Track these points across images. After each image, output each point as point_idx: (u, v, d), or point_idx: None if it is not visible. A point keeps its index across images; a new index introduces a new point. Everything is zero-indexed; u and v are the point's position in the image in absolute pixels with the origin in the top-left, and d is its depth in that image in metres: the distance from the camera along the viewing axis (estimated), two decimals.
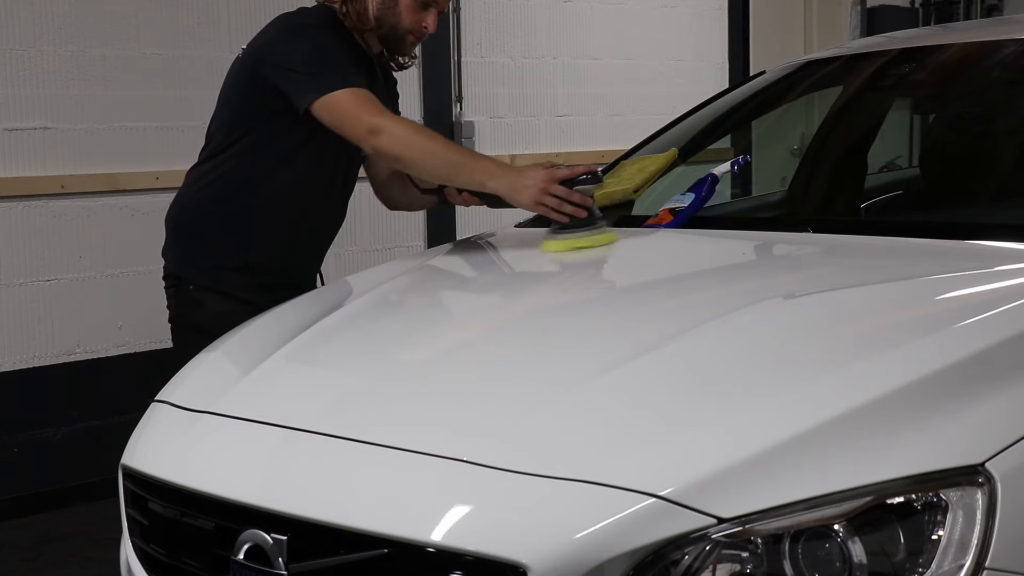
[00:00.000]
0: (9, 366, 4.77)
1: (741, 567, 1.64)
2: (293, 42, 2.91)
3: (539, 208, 2.74)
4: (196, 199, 3.06)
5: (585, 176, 2.73)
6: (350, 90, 2.82)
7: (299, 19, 3.01)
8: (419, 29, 3.00)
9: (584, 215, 2.72)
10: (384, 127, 2.79)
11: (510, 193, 2.75)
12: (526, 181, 2.73)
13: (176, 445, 2.20)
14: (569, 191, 2.72)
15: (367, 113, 2.80)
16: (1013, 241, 2.40)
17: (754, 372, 1.88)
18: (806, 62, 3.54)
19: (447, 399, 2.01)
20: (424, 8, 2.98)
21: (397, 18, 2.96)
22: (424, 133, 2.86)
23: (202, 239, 3.05)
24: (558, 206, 2.71)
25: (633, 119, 6.71)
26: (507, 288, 2.77)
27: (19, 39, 4.67)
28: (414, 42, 3.05)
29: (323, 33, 2.93)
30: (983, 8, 8.41)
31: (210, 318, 2.96)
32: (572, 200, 2.71)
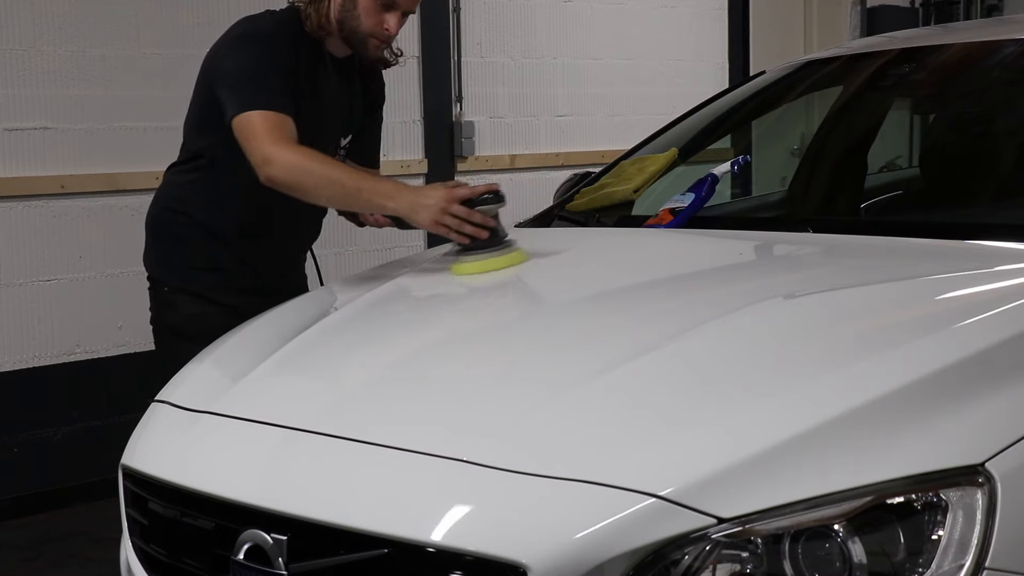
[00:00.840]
0: (9, 366, 4.77)
1: (741, 567, 1.64)
2: (233, 51, 2.89)
3: (439, 228, 2.65)
4: (171, 200, 3.06)
5: (487, 195, 2.65)
6: (261, 113, 2.76)
7: (248, 26, 2.95)
8: (381, 32, 2.92)
9: (485, 235, 2.64)
10: (275, 157, 2.72)
11: (409, 213, 2.69)
12: (425, 201, 2.65)
13: (176, 445, 2.20)
14: (469, 211, 2.63)
15: (264, 141, 2.74)
16: (1013, 241, 2.40)
17: (754, 372, 1.88)
18: (806, 62, 3.54)
19: (447, 399, 2.01)
20: (386, 10, 2.90)
21: (356, 21, 2.90)
22: (319, 161, 2.76)
23: (176, 239, 3.04)
24: (458, 226, 2.63)
25: (633, 119, 6.71)
26: (507, 288, 2.76)
27: (19, 39, 4.67)
28: (378, 45, 2.97)
29: (265, 44, 2.87)
30: (983, 8, 8.41)
31: (184, 320, 2.96)
32: (472, 220, 2.63)
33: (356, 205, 2.82)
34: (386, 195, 2.72)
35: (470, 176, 6.14)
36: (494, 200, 2.67)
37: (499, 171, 6.27)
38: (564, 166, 6.24)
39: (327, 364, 2.36)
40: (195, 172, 2.99)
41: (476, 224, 2.64)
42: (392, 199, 2.71)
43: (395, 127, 5.75)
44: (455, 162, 6.08)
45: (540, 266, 2.84)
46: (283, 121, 2.78)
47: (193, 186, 2.97)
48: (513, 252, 2.66)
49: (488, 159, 6.22)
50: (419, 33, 5.88)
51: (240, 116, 2.78)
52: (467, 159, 6.11)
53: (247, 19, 2.99)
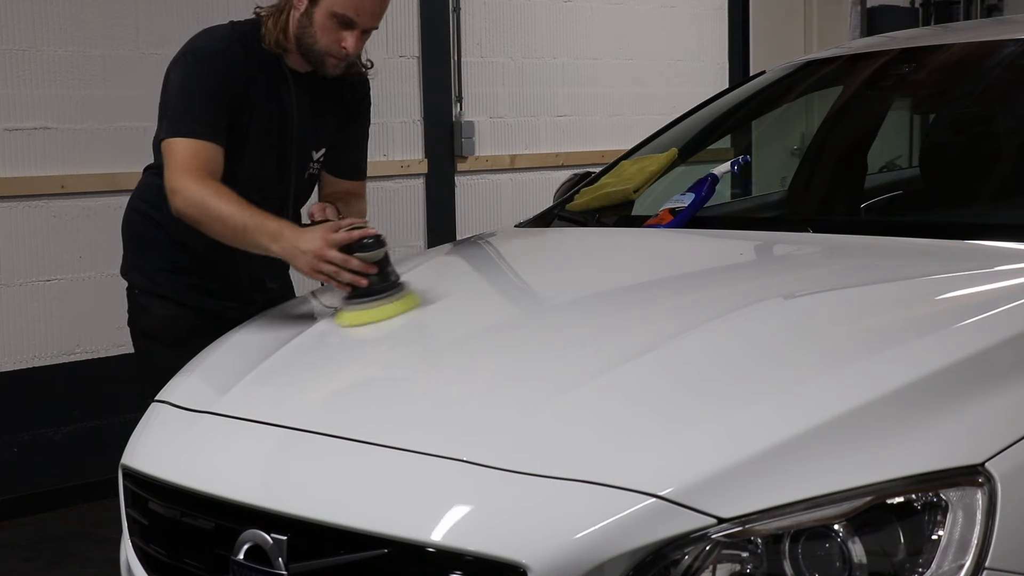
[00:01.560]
0: (9, 366, 4.77)
1: (741, 567, 1.64)
2: (175, 70, 2.85)
3: (316, 276, 2.54)
4: (140, 202, 3.04)
5: (368, 240, 2.49)
6: (182, 141, 2.73)
7: (197, 43, 2.88)
8: (338, 50, 2.80)
9: (364, 283, 2.48)
10: (179, 190, 2.70)
11: (289, 258, 2.58)
12: (303, 246, 2.53)
13: (176, 445, 2.20)
14: (346, 258, 2.48)
15: (175, 171, 2.72)
16: (1013, 241, 2.40)
17: (754, 372, 1.88)
18: (806, 62, 3.53)
19: (447, 399, 2.01)
20: (343, 27, 2.79)
21: (313, 39, 2.80)
22: (216, 197, 2.67)
23: (144, 242, 3.03)
24: (335, 274, 2.49)
25: (633, 119, 6.71)
26: (507, 288, 2.77)
27: (19, 39, 4.67)
28: (336, 63, 2.85)
29: (207, 65, 2.80)
30: (983, 8, 8.41)
31: (155, 322, 2.95)
32: (349, 267, 2.48)
33: (245, 243, 2.67)
34: (270, 236, 2.60)
35: (468, 177, 6.14)
36: (374, 246, 2.49)
37: (499, 171, 6.27)
38: (564, 166, 6.25)
39: (327, 364, 2.36)
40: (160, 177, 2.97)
41: (355, 271, 2.48)
42: (276, 241, 2.59)
43: (395, 127, 5.76)
44: (455, 162, 6.08)
45: (540, 266, 2.84)
46: (200, 151, 2.73)
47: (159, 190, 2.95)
48: (401, 299, 2.48)
49: (488, 159, 6.22)
50: (419, 33, 5.88)
51: (165, 142, 2.76)
52: (467, 159, 6.11)
53: (203, 33, 2.92)
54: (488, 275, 2.89)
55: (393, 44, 5.75)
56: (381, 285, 2.49)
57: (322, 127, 2.99)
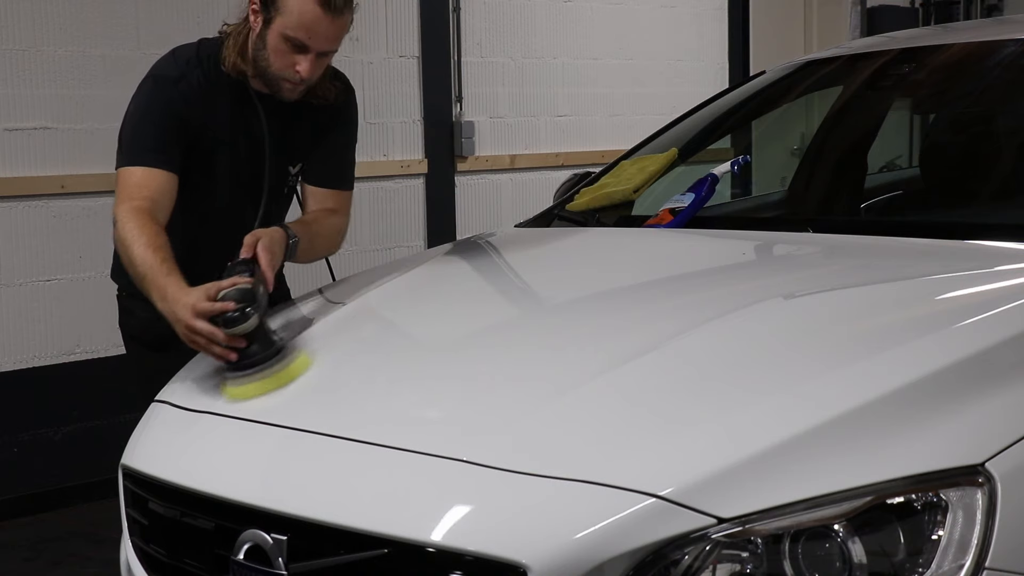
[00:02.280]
0: (9, 366, 4.77)
1: (741, 567, 1.64)
2: (135, 96, 2.80)
3: (193, 346, 2.36)
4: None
5: (231, 314, 2.26)
6: (131, 170, 2.67)
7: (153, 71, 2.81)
8: (292, 74, 2.67)
9: (233, 357, 2.26)
10: (116, 220, 2.63)
11: (171, 322, 2.41)
12: (177, 312, 2.36)
13: (176, 445, 2.20)
14: (212, 330, 2.28)
15: (118, 200, 2.65)
16: (1013, 241, 2.40)
17: (754, 372, 1.88)
18: (806, 62, 3.53)
19: (447, 399, 2.01)
20: (296, 51, 2.65)
21: (266, 62, 2.68)
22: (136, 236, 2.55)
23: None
24: (205, 346, 2.31)
25: (633, 119, 6.71)
26: (507, 288, 2.77)
27: (19, 39, 4.68)
28: (292, 88, 2.72)
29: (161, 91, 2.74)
30: (983, 8, 8.41)
31: (138, 324, 2.94)
32: (217, 340, 2.28)
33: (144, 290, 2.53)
34: (159, 295, 2.45)
35: (468, 177, 6.14)
36: (239, 320, 2.26)
37: (499, 171, 6.27)
38: (564, 166, 6.25)
39: (327, 364, 2.36)
40: None
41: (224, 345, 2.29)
42: (162, 300, 2.44)
43: (395, 127, 5.76)
44: (455, 162, 6.09)
45: (540, 266, 2.84)
46: (148, 180, 2.66)
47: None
48: (283, 369, 2.25)
49: (488, 159, 6.23)
50: (419, 33, 5.88)
51: (119, 170, 2.72)
52: (467, 159, 6.11)
53: (167, 55, 2.84)
54: (488, 275, 2.89)
55: (393, 44, 5.75)
56: (259, 356, 2.26)
57: (297, 143, 2.89)
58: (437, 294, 2.76)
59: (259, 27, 2.68)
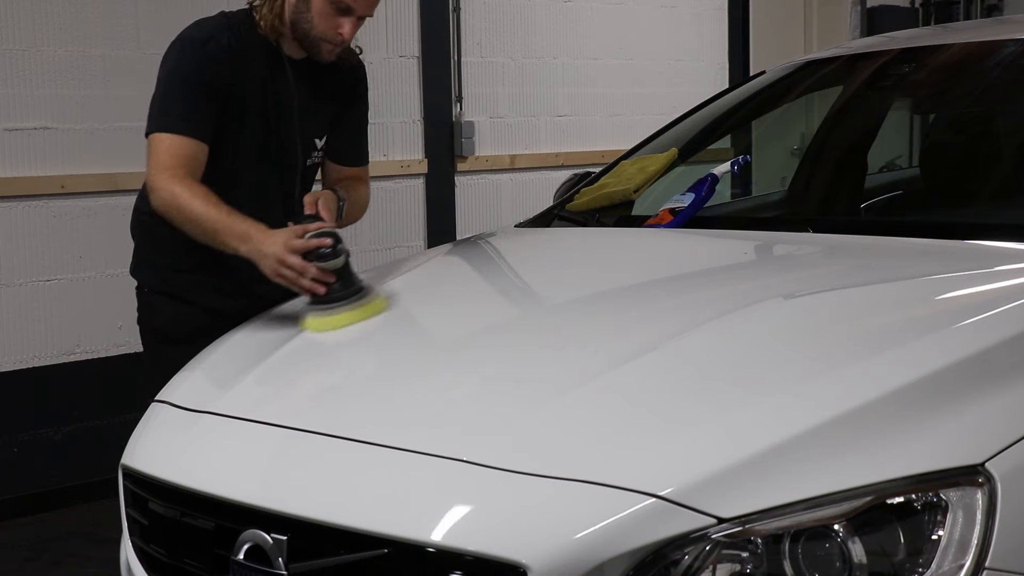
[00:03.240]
0: (9, 366, 4.77)
1: (741, 567, 1.64)
2: (165, 61, 2.86)
3: (279, 280, 2.56)
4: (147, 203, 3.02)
5: (324, 250, 2.50)
6: (163, 137, 2.74)
7: (179, 36, 2.89)
8: (334, 36, 2.82)
9: (321, 291, 2.50)
10: (157, 188, 2.73)
11: (256, 260, 2.59)
12: (266, 250, 2.56)
13: (176, 445, 2.20)
14: (305, 265, 2.51)
15: (154, 168, 2.74)
16: (1013, 241, 2.40)
17: (754, 372, 1.88)
18: (806, 62, 3.53)
19: (447, 399, 2.01)
20: (340, 14, 2.81)
21: (309, 24, 2.81)
22: (190, 196, 2.69)
23: (152, 242, 3.04)
24: (295, 280, 2.53)
25: (633, 119, 6.71)
26: (507, 288, 2.77)
27: (19, 39, 4.67)
28: (331, 49, 2.86)
29: (194, 55, 2.81)
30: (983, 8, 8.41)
31: (164, 321, 2.97)
32: (308, 274, 2.51)
33: (216, 242, 2.69)
34: (239, 238, 2.62)
35: (468, 177, 6.14)
36: (331, 255, 2.51)
37: (499, 171, 6.27)
38: (564, 166, 6.25)
39: (327, 364, 2.36)
40: None
41: (314, 279, 2.51)
42: (244, 243, 2.62)
43: (395, 127, 5.75)
44: (455, 162, 6.09)
45: (540, 266, 2.84)
46: (183, 147, 2.74)
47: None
48: (361, 307, 2.48)
49: (488, 159, 6.23)
50: (419, 33, 5.87)
51: (150, 137, 2.78)
52: (467, 159, 6.11)
53: (193, 24, 2.92)
54: (488, 275, 2.89)
55: (393, 44, 5.74)
56: (342, 292, 2.49)
57: (322, 113, 3.00)
58: (437, 294, 2.76)
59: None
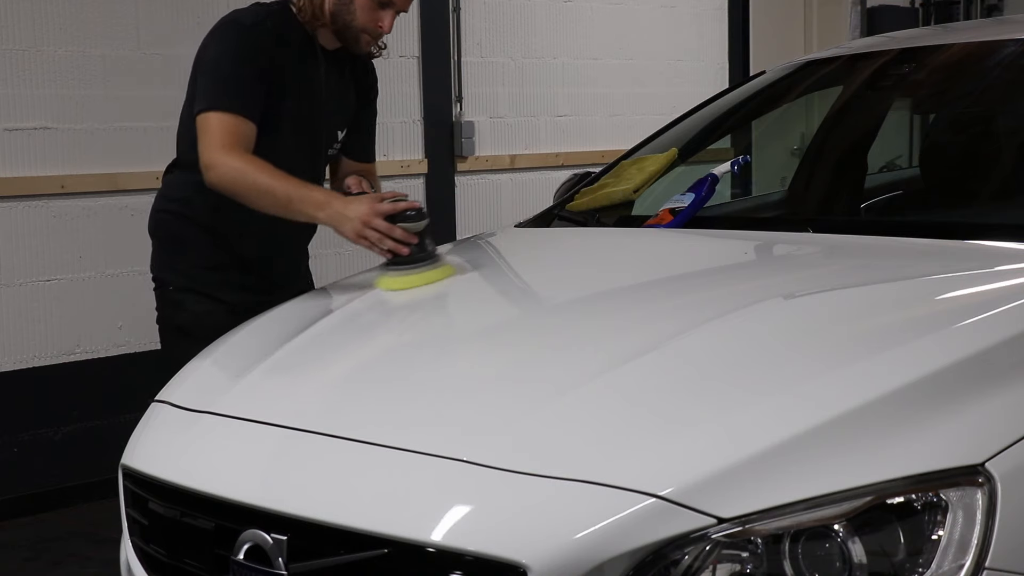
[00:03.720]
0: (9, 366, 4.77)
1: (741, 567, 1.64)
2: (209, 44, 2.93)
3: (361, 241, 2.68)
4: (170, 201, 3.07)
5: (410, 212, 2.67)
6: (218, 115, 2.80)
7: (226, 19, 2.96)
8: (374, 28, 2.95)
9: (405, 251, 2.65)
10: (216, 164, 2.78)
11: (335, 224, 2.71)
12: (349, 214, 2.68)
13: (176, 445, 2.20)
14: (390, 227, 2.65)
15: (211, 146, 2.79)
16: (1013, 241, 2.40)
17: (754, 372, 1.88)
18: (806, 62, 3.53)
19: (447, 399, 2.01)
20: (381, 7, 2.93)
21: (351, 16, 2.92)
22: (255, 170, 2.78)
23: (178, 241, 3.05)
24: (378, 241, 2.65)
25: (633, 119, 6.71)
26: (507, 288, 2.77)
27: (19, 39, 4.67)
28: (370, 41, 3.00)
29: (242, 38, 2.88)
30: (983, 8, 8.41)
31: (190, 318, 2.98)
32: (393, 236, 2.64)
33: (288, 214, 2.79)
34: (316, 205, 2.74)
35: (468, 177, 6.14)
36: (416, 217, 2.67)
37: (499, 171, 6.27)
38: (564, 166, 6.25)
39: (327, 364, 2.36)
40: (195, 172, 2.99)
41: (397, 240, 2.64)
42: (322, 209, 2.73)
43: (395, 127, 5.76)
44: (455, 162, 6.08)
45: (540, 266, 2.84)
46: (237, 125, 2.81)
47: (194, 186, 2.97)
48: (438, 268, 2.66)
49: (488, 159, 6.22)
50: (419, 33, 5.87)
51: (200, 116, 2.83)
52: (467, 159, 6.11)
53: (233, 12, 3.00)
54: (488, 275, 2.89)
55: (393, 44, 5.69)
56: (419, 255, 2.66)
57: (347, 107, 3.09)
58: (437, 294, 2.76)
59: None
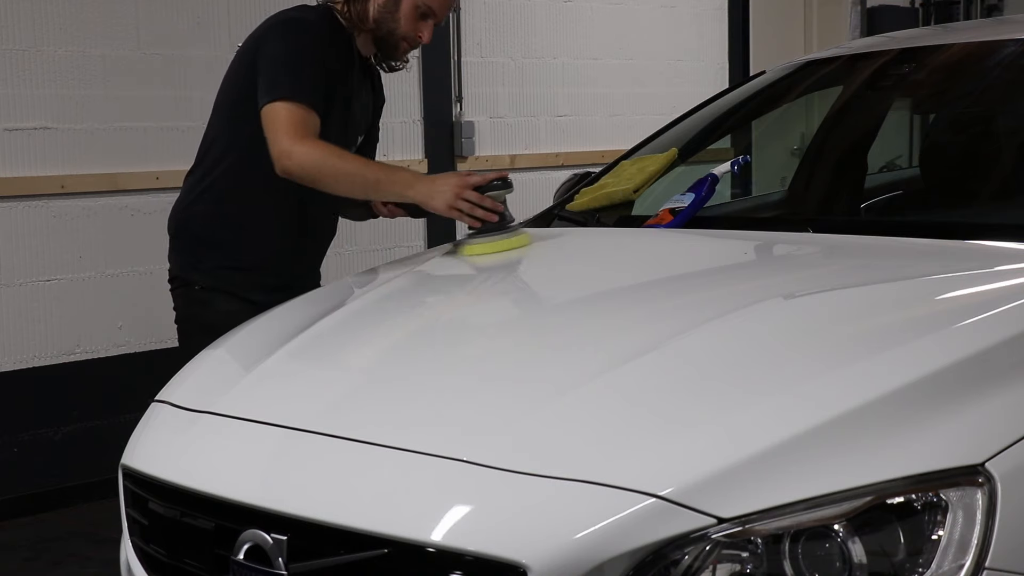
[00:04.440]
0: (9, 366, 4.77)
1: (741, 567, 1.64)
2: (276, 38, 2.96)
3: (453, 213, 2.83)
4: (197, 202, 3.08)
5: (497, 182, 2.85)
6: (288, 105, 2.85)
7: (288, 15, 3.03)
8: (414, 37, 3.05)
9: (495, 219, 2.84)
10: (294, 152, 2.82)
11: (426, 200, 2.84)
12: (440, 187, 2.83)
13: (176, 445, 2.20)
14: (480, 196, 2.81)
15: (285, 135, 2.83)
16: (1013, 241, 2.40)
17: (754, 372, 1.88)
18: (806, 62, 3.53)
19: (447, 399, 2.01)
20: (423, 18, 3.03)
21: (395, 23, 3.01)
22: (337, 155, 2.87)
23: (205, 241, 3.06)
24: (470, 210, 2.81)
25: (633, 119, 6.71)
26: (507, 288, 2.77)
27: (19, 39, 4.68)
28: (407, 49, 3.10)
29: (306, 34, 2.95)
30: (983, 8, 8.41)
31: (219, 317, 2.97)
32: (483, 205, 2.81)
33: (377, 195, 2.96)
34: (406, 184, 2.87)
35: None
36: (503, 186, 2.85)
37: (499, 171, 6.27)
38: (564, 166, 6.25)
39: (327, 364, 2.36)
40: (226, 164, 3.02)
41: (487, 209, 2.81)
42: (411, 187, 2.86)
43: (395, 127, 5.76)
44: (455, 162, 6.08)
45: (540, 266, 2.84)
46: (308, 116, 2.87)
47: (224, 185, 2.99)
48: (519, 235, 2.84)
49: (488, 159, 6.23)
50: None
51: (270, 106, 2.87)
52: (467, 159, 6.11)
53: (286, 11, 3.07)
54: (488, 275, 2.89)
55: None
56: (504, 222, 2.85)
57: (367, 114, 3.19)
58: (437, 294, 2.76)
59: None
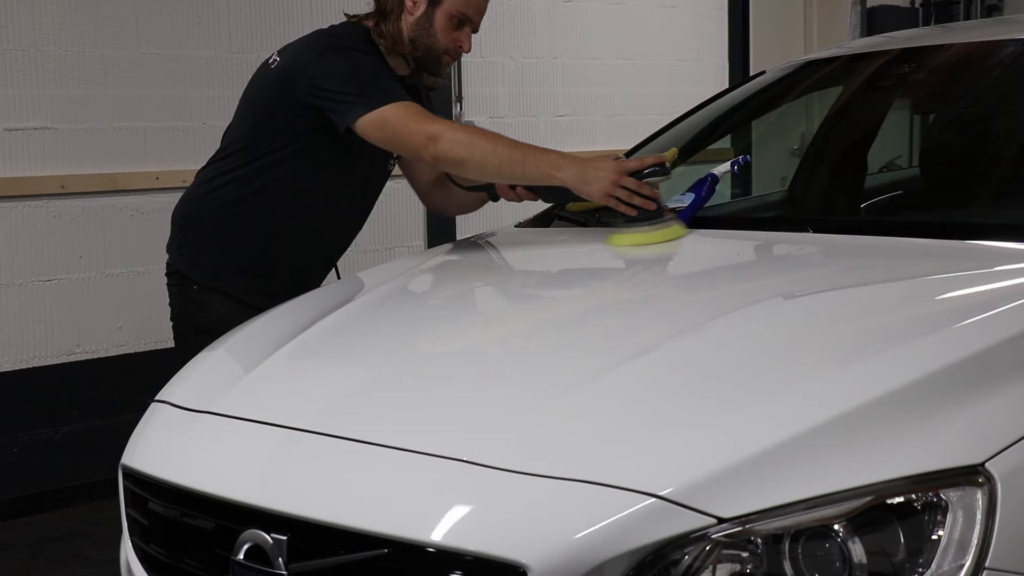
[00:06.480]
0: (9, 366, 4.77)
1: (741, 567, 1.64)
2: (331, 62, 2.84)
3: (609, 200, 2.67)
4: (210, 198, 3.01)
5: (654, 168, 2.67)
6: (397, 104, 2.77)
7: (334, 39, 2.93)
8: (455, 49, 2.96)
9: (653, 207, 2.66)
10: (441, 133, 2.74)
11: (579, 185, 2.68)
12: (596, 172, 2.66)
13: (176, 445, 2.20)
14: (639, 183, 2.66)
15: (421, 123, 2.76)
16: (1013, 241, 2.40)
17: (754, 372, 1.88)
18: (806, 62, 3.53)
19: (447, 399, 2.01)
20: (459, 27, 2.94)
21: (433, 39, 2.92)
22: (482, 134, 2.80)
23: (212, 238, 3.02)
24: (628, 198, 2.65)
25: (633, 119, 6.71)
26: (507, 289, 2.77)
27: (19, 39, 4.68)
28: (449, 62, 3.01)
29: (359, 51, 2.88)
30: (983, 8, 8.41)
31: (214, 319, 2.95)
32: (642, 192, 2.65)
33: (523, 176, 2.75)
34: (555, 165, 2.71)
35: None
36: (660, 172, 2.67)
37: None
38: None
39: (327, 364, 2.36)
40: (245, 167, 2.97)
41: (645, 196, 2.65)
42: (560, 170, 2.70)
43: None
44: None
45: (540, 266, 2.84)
46: (419, 106, 2.82)
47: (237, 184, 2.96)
48: (672, 227, 2.68)
49: None
50: None
51: (372, 115, 2.76)
52: None
53: (326, 33, 2.96)
54: (488, 275, 2.89)
55: None
56: (660, 211, 2.68)
57: None
58: (437, 294, 2.76)
59: (423, 8, 2.91)
